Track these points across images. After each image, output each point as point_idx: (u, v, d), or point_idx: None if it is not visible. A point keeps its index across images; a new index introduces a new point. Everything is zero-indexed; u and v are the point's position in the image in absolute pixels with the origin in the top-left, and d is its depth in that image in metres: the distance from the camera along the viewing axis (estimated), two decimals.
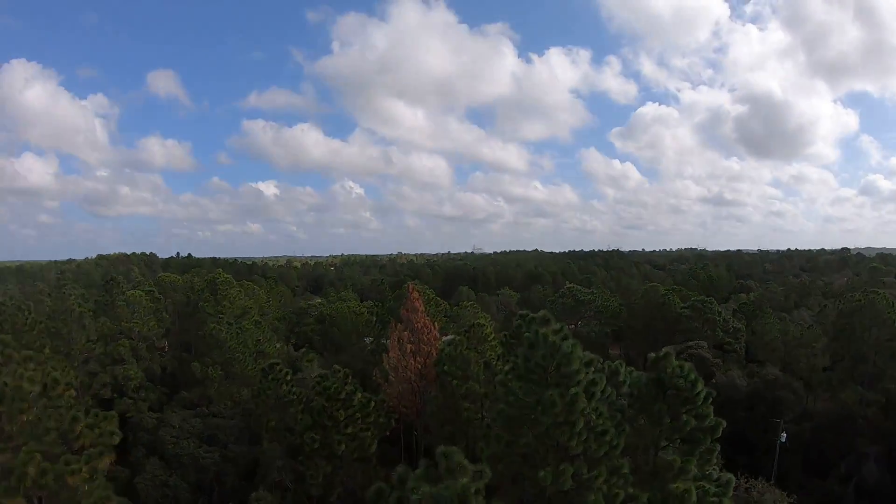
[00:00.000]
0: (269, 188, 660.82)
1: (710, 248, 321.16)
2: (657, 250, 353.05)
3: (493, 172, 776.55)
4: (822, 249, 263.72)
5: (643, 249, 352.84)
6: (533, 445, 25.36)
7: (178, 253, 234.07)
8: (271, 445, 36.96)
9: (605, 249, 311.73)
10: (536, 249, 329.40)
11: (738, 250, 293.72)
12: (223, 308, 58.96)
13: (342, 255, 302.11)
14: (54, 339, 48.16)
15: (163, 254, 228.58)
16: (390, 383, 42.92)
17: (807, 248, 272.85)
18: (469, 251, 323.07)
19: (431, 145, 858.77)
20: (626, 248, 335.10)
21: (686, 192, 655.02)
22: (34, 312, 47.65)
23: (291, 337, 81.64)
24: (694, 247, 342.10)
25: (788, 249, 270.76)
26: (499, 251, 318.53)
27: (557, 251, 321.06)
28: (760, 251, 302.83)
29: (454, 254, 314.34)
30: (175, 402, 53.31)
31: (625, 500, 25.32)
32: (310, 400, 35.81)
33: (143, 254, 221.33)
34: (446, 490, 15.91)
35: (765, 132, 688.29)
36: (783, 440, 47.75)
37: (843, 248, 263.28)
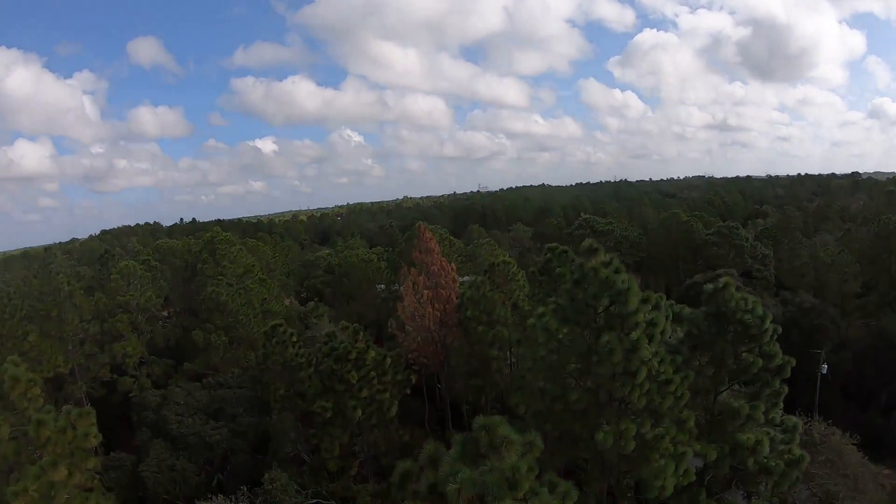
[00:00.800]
0: (266, 145, 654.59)
1: (717, 175, 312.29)
2: (664, 179, 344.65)
3: (493, 109, 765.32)
4: (833, 174, 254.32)
5: (650, 179, 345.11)
6: (585, 400, 21.27)
7: (181, 219, 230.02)
8: (282, 416, 33.17)
9: (612, 181, 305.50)
10: (543, 184, 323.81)
11: (748, 176, 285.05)
12: (223, 269, 54.68)
13: (347, 204, 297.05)
14: (44, 322, 44.34)
15: (168, 222, 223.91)
16: (407, 334, 38.92)
17: (816, 174, 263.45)
18: (475, 190, 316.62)
19: (426, 86, 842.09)
20: (632, 178, 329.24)
21: (690, 119, 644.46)
22: (15, 297, 43.84)
23: (301, 291, 77.96)
24: (701, 174, 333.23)
25: (798, 175, 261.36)
26: (505, 188, 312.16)
27: (564, 185, 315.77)
28: (769, 176, 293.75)
29: (460, 194, 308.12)
30: (179, 374, 49.91)
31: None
32: (319, 362, 31.92)
33: (147, 224, 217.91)
34: (491, 473, 12.43)
35: (768, 55, 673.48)
36: (825, 371, 45.16)
37: (853, 173, 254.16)
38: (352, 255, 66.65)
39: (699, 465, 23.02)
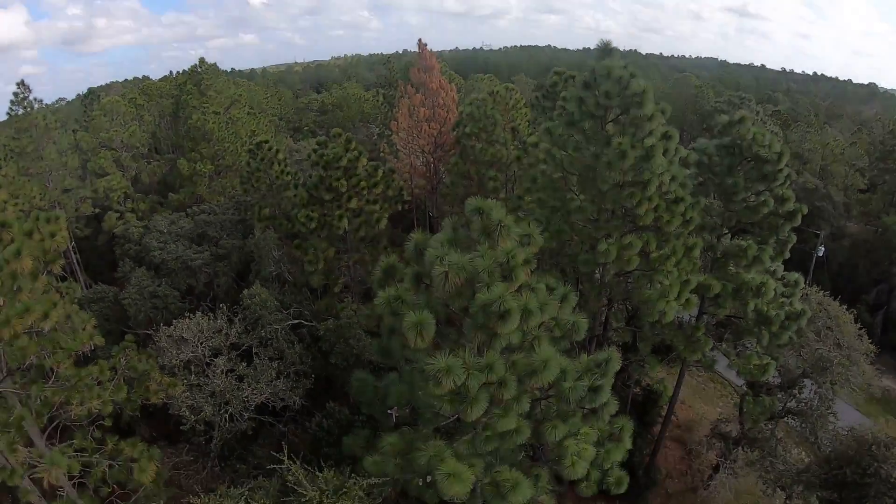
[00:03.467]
0: None
1: (731, 61, 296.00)
2: (676, 55, 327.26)
3: None
4: (849, 80, 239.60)
5: (661, 53, 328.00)
6: (588, 210, 19.23)
7: (171, 72, 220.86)
8: (265, 234, 31.38)
9: (621, 49, 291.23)
10: (549, 45, 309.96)
11: (762, 65, 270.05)
12: (209, 99, 51.34)
13: (345, 56, 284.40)
14: (21, 159, 41.72)
15: (157, 77, 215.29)
16: (399, 159, 36.61)
17: (832, 76, 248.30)
18: (478, 47, 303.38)
19: None
20: (643, 51, 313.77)
21: None
22: None
23: (294, 134, 75.03)
24: (714, 56, 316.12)
25: (815, 73, 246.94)
26: (509, 46, 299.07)
27: (571, 48, 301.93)
28: (784, 70, 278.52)
29: (462, 49, 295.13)
30: (165, 207, 48.00)
31: (695, 289, 20.14)
32: (307, 177, 29.75)
33: (136, 79, 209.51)
34: (484, 259, 11.11)
35: None
36: (820, 253, 45.27)
37: (870, 83, 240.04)
38: (346, 93, 63.17)
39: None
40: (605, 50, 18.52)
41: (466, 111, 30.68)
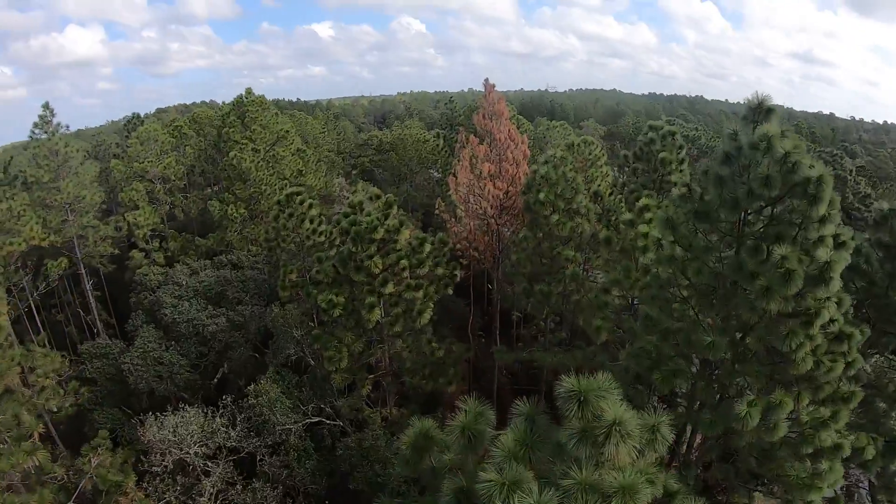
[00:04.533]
0: (324, 29, 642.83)
1: (796, 108, 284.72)
2: (740, 102, 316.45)
3: (562, 7, 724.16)
4: None
5: (726, 100, 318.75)
6: (721, 348, 12.98)
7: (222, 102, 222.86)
8: (287, 308, 25.79)
9: (683, 95, 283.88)
10: (615, 89, 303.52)
11: (831, 113, 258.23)
12: (253, 133, 46.65)
13: (411, 92, 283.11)
14: (38, 189, 37.60)
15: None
16: (458, 219, 30.75)
17: None
18: (542, 89, 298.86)
19: None
20: (708, 96, 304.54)
21: (773, 44, 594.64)
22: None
23: (352, 172, 70.30)
24: (780, 104, 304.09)
25: (885, 122, 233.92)
26: (574, 90, 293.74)
27: (636, 93, 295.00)
28: (853, 119, 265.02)
29: (527, 91, 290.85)
30: (192, 251, 43.28)
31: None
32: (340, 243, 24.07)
33: (203, 102, 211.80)
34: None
35: None
36: None
37: None
38: (405, 133, 57.98)
39: None
40: (760, 109, 12.50)
41: (542, 172, 24.49)
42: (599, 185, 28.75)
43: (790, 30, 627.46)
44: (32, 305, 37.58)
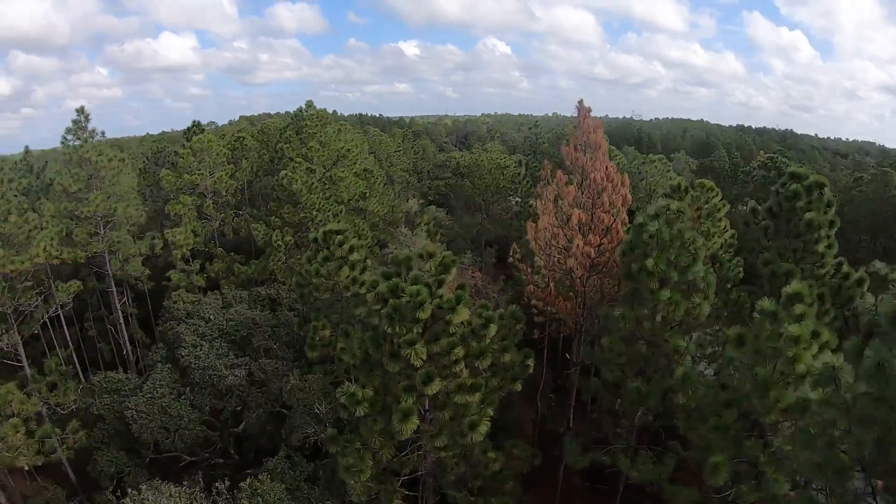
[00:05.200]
0: (409, 48, 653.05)
1: (888, 145, 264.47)
2: (831, 137, 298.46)
3: (647, 33, 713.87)
4: None
5: (816, 134, 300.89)
6: None
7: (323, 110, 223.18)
8: (310, 378, 20.58)
9: (776, 128, 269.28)
10: (702, 119, 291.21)
11: None
12: (310, 150, 42.09)
13: (495, 113, 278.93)
14: (68, 199, 34.20)
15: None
16: (535, 270, 24.89)
17: None
18: (627, 116, 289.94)
19: None
20: (796, 130, 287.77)
21: (864, 76, 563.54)
22: None
23: (428, 194, 65.46)
24: (871, 140, 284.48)
25: None
26: (660, 118, 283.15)
27: (724, 124, 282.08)
28: None
29: (612, 118, 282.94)
30: (233, 276, 38.93)
31: None
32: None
33: (287, 112, 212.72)
34: None
35: None
36: None
37: None
38: (483, 157, 52.55)
39: None
40: None
41: (648, 228, 18.36)
42: (719, 249, 22.52)
43: (882, 61, 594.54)
44: (62, 316, 35.12)
